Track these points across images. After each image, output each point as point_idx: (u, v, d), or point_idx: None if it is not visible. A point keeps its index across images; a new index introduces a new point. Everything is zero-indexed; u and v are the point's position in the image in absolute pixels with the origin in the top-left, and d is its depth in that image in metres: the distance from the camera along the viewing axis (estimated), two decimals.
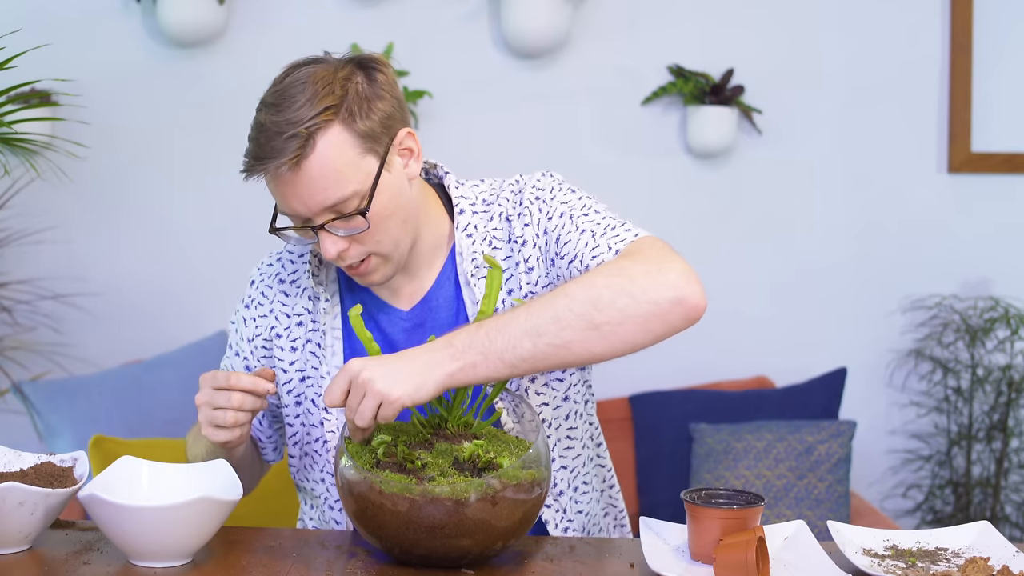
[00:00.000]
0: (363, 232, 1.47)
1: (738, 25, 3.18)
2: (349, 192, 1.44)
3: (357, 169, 1.44)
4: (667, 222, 3.20)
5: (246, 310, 1.68)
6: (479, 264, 1.55)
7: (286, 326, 1.63)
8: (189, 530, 1.33)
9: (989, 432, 3.11)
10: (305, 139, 1.42)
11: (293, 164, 1.42)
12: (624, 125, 3.18)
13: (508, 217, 1.57)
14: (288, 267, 1.67)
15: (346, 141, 1.44)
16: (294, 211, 1.49)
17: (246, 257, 3.14)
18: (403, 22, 3.10)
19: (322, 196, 1.44)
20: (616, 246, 1.47)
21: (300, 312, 1.62)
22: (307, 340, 1.61)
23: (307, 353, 1.61)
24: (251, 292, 1.69)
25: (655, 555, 1.37)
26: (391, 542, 1.34)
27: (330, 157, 1.43)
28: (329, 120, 1.43)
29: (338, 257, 1.48)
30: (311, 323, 1.61)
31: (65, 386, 2.71)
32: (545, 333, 1.34)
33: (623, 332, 1.37)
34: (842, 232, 3.23)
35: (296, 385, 1.63)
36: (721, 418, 2.91)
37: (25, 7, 3.03)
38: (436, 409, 1.43)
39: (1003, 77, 3.21)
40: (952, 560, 1.40)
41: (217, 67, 3.08)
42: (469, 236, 1.57)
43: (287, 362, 1.63)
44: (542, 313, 1.35)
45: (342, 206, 1.44)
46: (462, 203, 1.58)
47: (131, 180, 3.10)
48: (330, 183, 1.43)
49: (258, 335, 1.65)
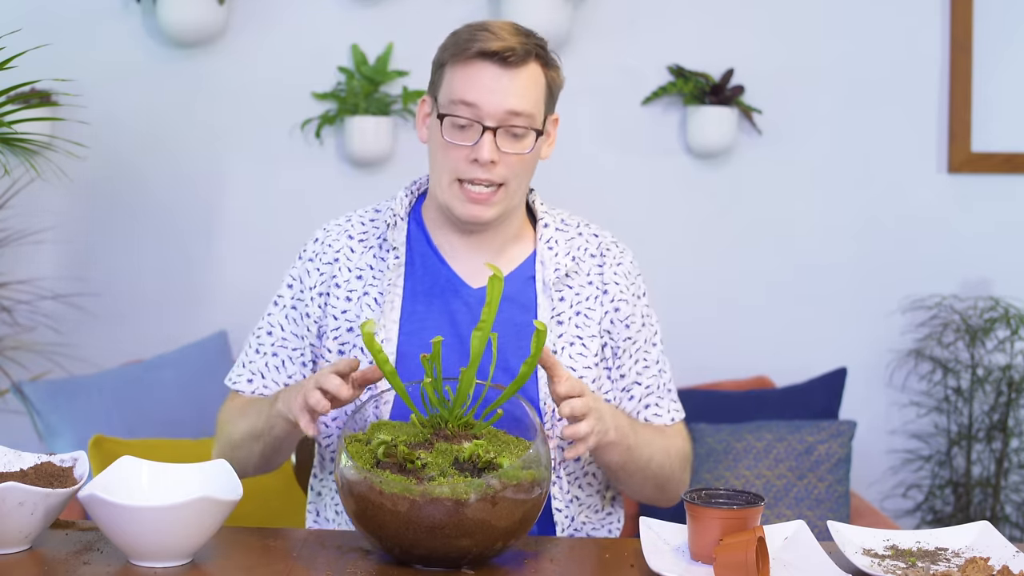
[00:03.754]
0: (515, 157, 1.63)
1: (738, 25, 3.18)
2: (533, 110, 1.65)
3: (539, 104, 1.67)
4: (667, 222, 3.20)
5: (310, 262, 1.76)
6: (561, 275, 1.71)
7: (346, 278, 1.72)
8: (189, 530, 1.33)
9: (989, 432, 3.11)
10: (528, 51, 1.64)
11: (518, 61, 1.62)
12: (624, 125, 3.18)
13: (593, 254, 1.77)
14: (357, 227, 1.77)
15: (542, 82, 1.67)
16: (488, 104, 1.61)
17: (246, 257, 3.16)
18: (403, 22, 3.10)
19: (522, 100, 1.63)
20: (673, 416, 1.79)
21: (362, 267, 1.73)
22: (364, 293, 1.70)
23: (362, 305, 1.70)
24: (315, 247, 1.77)
25: (655, 555, 1.38)
26: (391, 542, 1.34)
27: (535, 78, 1.66)
28: (540, 57, 1.67)
29: (489, 163, 1.62)
30: (372, 279, 1.71)
31: (65, 386, 2.71)
32: (638, 459, 1.67)
33: (652, 493, 1.75)
34: (842, 232, 3.23)
35: (343, 334, 1.70)
36: (721, 418, 2.90)
37: (25, 7, 3.03)
38: (436, 409, 1.43)
39: (1003, 77, 3.21)
40: (952, 560, 1.40)
41: (217, 67, 3.08)
42: (551, 248, 1.73)
43: (339, 310, 1.71)
44: (648, 448, 1.68)
45: (525, 118, 1.63)
46: (546, 217, 1.76)
47: (131, 180, 3.10)
48: (530, 93, 1.64)
49: (322, 282, 1.73)
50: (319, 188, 3.10)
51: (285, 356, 1.75)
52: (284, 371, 1.75)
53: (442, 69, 1.68)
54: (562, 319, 1.70)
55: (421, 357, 1.42)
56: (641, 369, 1.76)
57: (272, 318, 1.77)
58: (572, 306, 1.71)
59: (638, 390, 1.75)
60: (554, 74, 1.69)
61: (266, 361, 1.76)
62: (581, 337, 1.70)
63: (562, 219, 1.79)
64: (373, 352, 1.42)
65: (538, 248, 1.73)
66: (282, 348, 1.75)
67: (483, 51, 1.62)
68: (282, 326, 1.76)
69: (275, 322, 1.77)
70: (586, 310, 1.72)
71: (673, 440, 1.75)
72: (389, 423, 1.48)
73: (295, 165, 3.10)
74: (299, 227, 3.09)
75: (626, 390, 1.75)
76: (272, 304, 1.78)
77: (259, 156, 3.09)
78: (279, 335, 1.76)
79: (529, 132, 1.65)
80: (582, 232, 1.78)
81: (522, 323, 1.68)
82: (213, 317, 3.06)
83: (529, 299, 1.71)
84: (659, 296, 1.89)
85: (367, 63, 3.07)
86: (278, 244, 3.10)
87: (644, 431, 1.69)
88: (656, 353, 1.78)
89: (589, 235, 1.78)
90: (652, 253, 2.90)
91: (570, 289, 1.72)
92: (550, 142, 1.74)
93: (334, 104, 3.08)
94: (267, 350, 1.76)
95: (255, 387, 1.76)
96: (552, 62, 1.69)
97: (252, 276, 3.09)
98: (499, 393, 1.46)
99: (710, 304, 3.21)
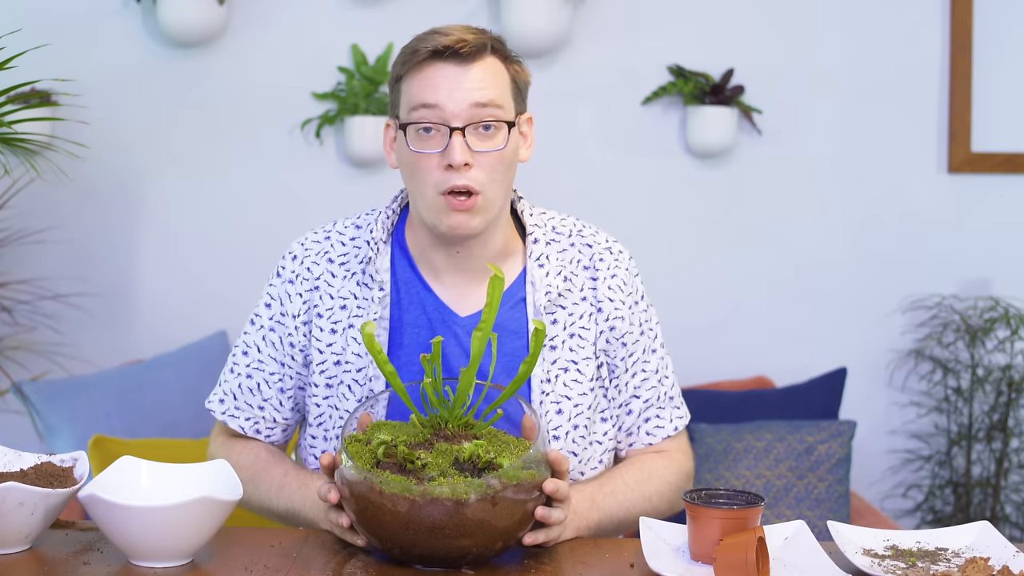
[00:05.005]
0: (489, 156, 1.54)
1: (738, 25, 3.18)
2: (500, 101, 1.55)
3: (506, 96, 1.57)
4: (667, 222, 3.20)
5: (290, 284, 1.67)
6: (552, 298, 1.62)
7: (329, 306, 1.64)
8: (189, 530, 1.33)
9: (989, 432, 3.11)
10: (483, 44, 1.55)
11: (474, 53, 1.54)
12: (624, 125, 3.18)
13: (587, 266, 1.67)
14: (338, 247, 1.67)
15: (504, 75, 1.58)
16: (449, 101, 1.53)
17: (246, 257, 3.15)
18: (403, 22, 3.09)
19: (485, 91, 1.54)
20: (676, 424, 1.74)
21: (346, 296, 1.63)
22: (349, 325, 1.62)
23: (347, 337, 1.62)
24: (293, 267, 1.68)
25: (655, 555, 1.37)
26: (391, 542, 1.34)
27: (495, 70, 1.57)
28: (496, 51, 1.58)
29: (462, 166, 1.52)
30: (356, 308, 1.62)
31: (65, 386, 2.71)
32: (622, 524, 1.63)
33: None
34: (842, 232, 3.23)
35: (330, 368, 1.63)
36: (721, 418, 2.90)
37: (25, 7, 3.03)
38: (436, 409, 1.43)
39: (1003, 77, 3.21)
40: (952, 560, 1.40)
41: (217, 67, 3.08)
42: (541, 266, 1.64)
43: (324, 343, 1.63)
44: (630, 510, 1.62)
45: (492, 108, 1.54)
46: (536, 232, 1.66)
47: (131, 180, 3.10)
48: (494, 83, 1.55)
49: (305, 310, 1.65)
50: (319, 188, 3.10)
51: (261, 379, 1.67)
52: (259, 394, 1.68)
53: (398, 84, 1.59)
54: (555, 343, 1.63)
55: (421, 357, 1.42)
56: (639, 383, 1.69)
57: (248, 337, 1.69)
58: (565, 328, 1.63)
59: (637, 404, 1.70)
60: (517, 68, 1.60)
61: (239, 383, 1.68)
62: (576, 362, 1.63)
63: (553, 227, 1.69)
64: (373, 353, 1.42)
65: (528, 267, 1.64)
66: (257, 371, 1.68)
67: (435, 49, 1.53)
68: (259, 347, 1.68)
69: (251, 342, 1.68)
70: (580, 330, 1.64)
71: (663, 474, 1.67)
72: (389, 423, 1.48)
73: (295, 165, 3.10)
74: (299, 227, 3.08)
75: (624, 405, 1.69)
76: (249, 323, 1.70)
77: (259, 156, 3.09)
78: (255, 356, 1.68)
79: (500, 126, 1.55)
80: (574, 243, 1.69)
81: (512, 352, 1.60)
82: (213, 317, 3.06)
83: (520, 324, 1.62)
84: (659, 296, 1.89)
85: (367, 63, 3.07)
86: (278, 244, 3.08)
87: (624, 495, 1.61)
88: (656, 360, 1.71)
89: (582, 245, 1.69)
90: (652, 253, 2.91)
91: (563, 310, 1.64)
92: (528, 143, 1.64)
93: (334, 104, 3.08)
94: (241, 371, 1.68)
95: (227, 408, 1.68)
96: (512, 56, 1.60)
97: (252, 276, 3.08)
98: (499, 393, 1.46)
99: (710, 304, 3.21)
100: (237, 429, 1.69)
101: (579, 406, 1.63)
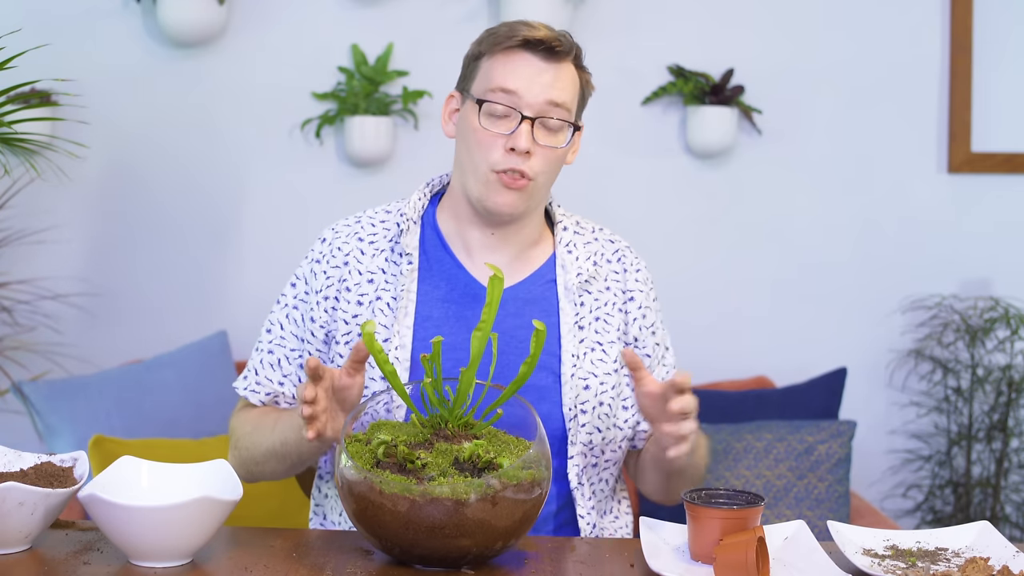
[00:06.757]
0: (549, 150, 1.64)
1: (738, 25, 3.18)
2: (571, 105, 1.66)
3: (575, 102, 1.69)
4: (667, 222, 3.20)
5: (316, 264, 1.74)
6: (583, 280, 1.72)
7: (356, 281, 1.70)
8: (189, 530, 1.33)
9: (989, 432, 3.11)
10: (571, 47, 1.66)
11: (562, 54, 1.64)
12: (624, 125, 3.18)
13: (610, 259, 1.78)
14: (368, 228, 1.75)
15: (577, 82, 1.69)
16: (529, 92, 1.62)
17: (246, 257, 3.16)
18: (403, 22, 3.10)
19: (562, 92, 1.64)
20: None
21: (373, 271, 1.71)
22: (376, 298, 1.69)
23: (374, 310, 1.68)
24: (323, 249, 1.75)
25: (655, 555, 1.38)
26: (391, 542, 1.34)
27: (572, 76, 1.68)
28: (577, 58, 1.69)
29: (525, 152, 1.62)
30: (384, 283, 1.69)
31: (65, 386, 2.71)
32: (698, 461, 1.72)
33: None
34: (842, 232, 3.23)
35: (355, 339, 1.68)
36: (721, 418, 2.90)
37: (25, 7, 3.03)
38: (436, 409, 1.43)
39: (1003, 77, 3.21)
40: (952, 560, 1.40)
41: (217, 67, 3.08)
42: (570, 252, 1.74)
43: (350, 315, 1.69)
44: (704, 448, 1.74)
45: (563, 111, 1.64)
46: (564, 220, 1.78)
47: (131, 180, 3.10)
48: (569, 88, 1.66)
49: (329, 286, 1.71)
50: (319, 188, 3.10)
51: (282, 355, 1.74)
52: (279, 370, 1.74)
53: (477, 61, 1.67)
54: (583, 323, 1.71)
55: (421, 357, 1.42)
56: (664, 375, 1.80)
57: (273, 316, 1.77)
58: (592, 311, 1.73)
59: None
60: (587, 78, 1.71)
61: (261, 359, 1.75)
62: (601, 343, 1.72)
63: (577, 222, 1.80)
64: (373, 352, 1.42)
65: (558, 251, 1.74)
66: (279, 347, 1.74)
67: (528, 40, 1.62)
68: (282, 324, 1.75)
69: (275, 320, 1.76)
70: (605, 316, 1.73)
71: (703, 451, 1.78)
72: (389, 423, 1.48)
73: (295, 165, 3.10)
74: (299, 226, 3.10)
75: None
76: (275, 303, 1.78)
77: (259, 156, 3.09)
78: (277, 333, 1.75)
79: (565, 126, 1.66)
80: (598, 237, 1.80)
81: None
82: (213, 317, 3.06)
83: (550, 303, 1.71)
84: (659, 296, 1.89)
85: (367, 63, 3.07)
86: (278, 243, 3.10)
87: (703, 446, 1.74)
88: (671, 358, 1.83)
89: (604, 240, 1.80)
90: (652, 253, 2.89)
91: (589, 295, 1.73)
92: (574, 149, 1.74)
93: (334, 104, 3.08)
94: (264, 347, 1.75)
95: (248, 383, 1.75)
96: (585, 68, 1.71)
97: (252, 276, 3.09)
98: (499, 393, 1.46)
99: (710, 304, 3.21)
100: (257, 404, 1.75)
101: (604, 384, 1.70)
